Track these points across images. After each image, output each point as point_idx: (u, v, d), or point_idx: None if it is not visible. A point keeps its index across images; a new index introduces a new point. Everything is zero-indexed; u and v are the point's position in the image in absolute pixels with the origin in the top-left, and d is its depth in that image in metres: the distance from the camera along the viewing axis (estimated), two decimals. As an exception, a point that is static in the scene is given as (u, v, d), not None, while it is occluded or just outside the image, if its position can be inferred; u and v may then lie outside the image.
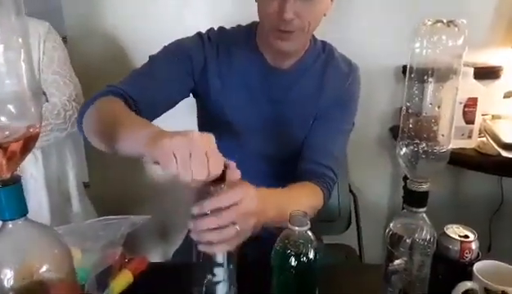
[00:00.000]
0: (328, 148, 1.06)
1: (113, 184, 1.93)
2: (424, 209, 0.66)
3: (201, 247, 0.66)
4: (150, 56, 1.03)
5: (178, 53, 1.02)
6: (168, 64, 1.01)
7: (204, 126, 1.14)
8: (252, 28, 1.08)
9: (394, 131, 1.79)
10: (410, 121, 0.64)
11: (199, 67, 1.03)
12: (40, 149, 1.29)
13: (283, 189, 0.88)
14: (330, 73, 1.08)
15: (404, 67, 1.72)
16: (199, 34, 1.06)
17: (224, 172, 0.64)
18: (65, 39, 1.82)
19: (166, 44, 1.05)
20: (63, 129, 1.23)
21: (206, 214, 0.64)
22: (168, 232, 2.00)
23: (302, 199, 0.94)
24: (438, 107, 0.61)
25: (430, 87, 0.61)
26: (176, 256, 1.24)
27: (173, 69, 1.01)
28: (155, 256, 2.04)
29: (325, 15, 0.98)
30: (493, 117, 1.66)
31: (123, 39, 1.74)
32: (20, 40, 0.46)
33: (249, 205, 0.68)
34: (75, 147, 1.48)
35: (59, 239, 0.52)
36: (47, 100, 1.27)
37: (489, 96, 1.57)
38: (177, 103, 1.04)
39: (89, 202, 1.52)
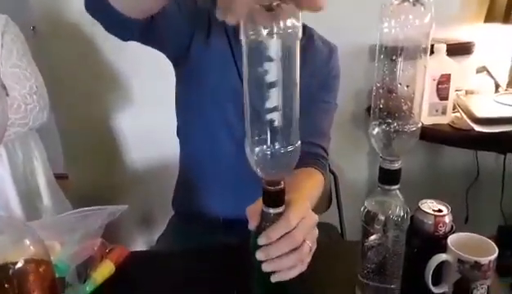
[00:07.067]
0: (317, 127, 1.08)
1: (91, 175, 1.91)
2: (396, 186, 0.67)
3: (276, 278, 0.63)
4: None
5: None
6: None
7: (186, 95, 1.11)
8: None
9: (370, 111, 1.80)
10: (382, 101, 0.65)
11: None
12: (3, 146, 1.25)
13: (307, 184, 0.90)
14: (309, 57, 1.07)
15: (379, 46, 1.72)
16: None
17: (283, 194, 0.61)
18: (33, 29, 1.78)
19: None
20: (24, 124, 1.18)
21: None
22: (150, 219, 1.99)
23: (316, 191, 0.97)
24: (407, 86, 0.62)
25: (399, 66, 0.62)
26: (160, 241, 1.23)
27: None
28: (139, 245, 2.04)
29: None
30: (467, 92, 1.68)
31: (93, 27, 1.70)
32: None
33: (312, 217, 0.69)
34: (46, 140, 1.44)
35: (31, 232, 0.51)
36: (8, 95, 1.21)
37: (462, 72, 1.59)
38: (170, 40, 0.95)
39: (63, 196, 1.49)
